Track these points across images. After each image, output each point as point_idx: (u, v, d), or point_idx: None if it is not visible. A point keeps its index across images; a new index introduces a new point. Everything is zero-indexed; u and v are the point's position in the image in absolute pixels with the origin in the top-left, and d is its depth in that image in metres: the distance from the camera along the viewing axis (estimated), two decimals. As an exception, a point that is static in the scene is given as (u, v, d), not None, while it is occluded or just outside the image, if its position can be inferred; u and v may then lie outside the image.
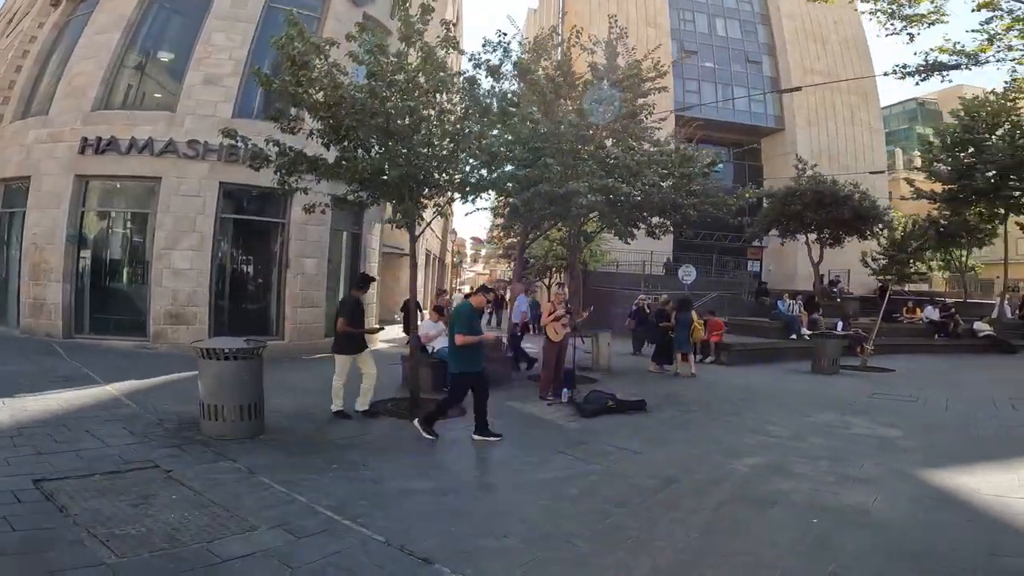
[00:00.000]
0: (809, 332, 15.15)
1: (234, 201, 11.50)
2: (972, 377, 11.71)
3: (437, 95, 6.57)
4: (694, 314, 11.56)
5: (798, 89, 18.65)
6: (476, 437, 6.00)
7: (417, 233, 7.34)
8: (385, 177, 6.66)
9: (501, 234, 25.03)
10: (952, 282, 30.53)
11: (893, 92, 45.63)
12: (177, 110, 10.91)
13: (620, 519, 4.04)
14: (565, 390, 8.18)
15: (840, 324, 16.63)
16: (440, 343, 8.54)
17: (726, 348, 13.13)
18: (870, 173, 21.14)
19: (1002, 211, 19.43)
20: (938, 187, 20.75)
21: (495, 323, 21.62)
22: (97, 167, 10.81)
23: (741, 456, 5.65)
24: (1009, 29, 11.16)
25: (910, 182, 21.16)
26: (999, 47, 11.63)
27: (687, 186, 10.69)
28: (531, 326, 18.54)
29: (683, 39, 29.70)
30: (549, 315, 8.34)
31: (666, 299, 12.56)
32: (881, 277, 13.95)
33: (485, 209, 17.82)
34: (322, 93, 6.33)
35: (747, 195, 13.47)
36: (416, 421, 6.03)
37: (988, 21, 11.35)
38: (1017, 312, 20.13)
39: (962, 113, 19.60)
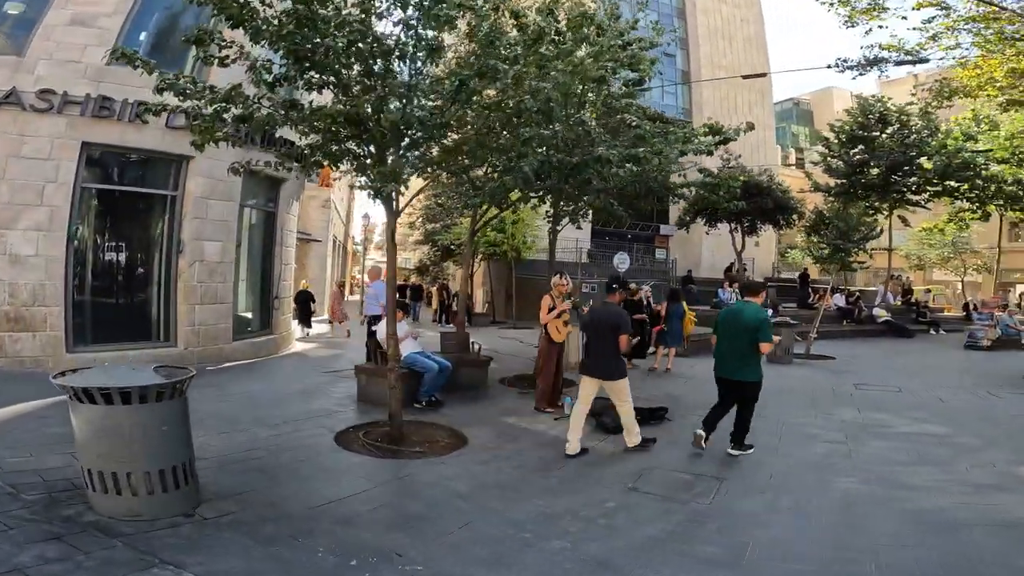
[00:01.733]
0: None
1: (102, 168, 8.65)
2: (909, 362, 12.21)
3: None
4: (686, 305, 10.75)
5: (763, 75, 18.72)
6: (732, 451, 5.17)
7: (400, 207, 5.51)
8: (378, 124, 4.76)
9: (421, 218, 22.94)
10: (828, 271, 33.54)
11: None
12: (26, 54, 7.84)
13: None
14: (568, 399, 6.83)
15: (770, 312, 17.05)
16: (409, 348, 6.79)
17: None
18: (784, 166, 22.07)
19: (886, 206, 21.19)
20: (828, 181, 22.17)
21: (413, 317, 19.62)
22: None
23: (830, 472, 4.76)
24: (950, 28, 11.62)
25: (808, 175, 22.42)
26: (935, 46, 12.14)
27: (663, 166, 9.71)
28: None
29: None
30: (548, 311, 6.93)
31: (635, 288, 11.68)
32: (825, 266, 14.37)
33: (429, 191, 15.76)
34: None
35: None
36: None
37: (930, 20, 11.73)
38: (900, 299, 22.18)
39: (857, 111, 21.00)
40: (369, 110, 4.73)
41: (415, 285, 18.76)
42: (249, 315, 10.40)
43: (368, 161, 5.19)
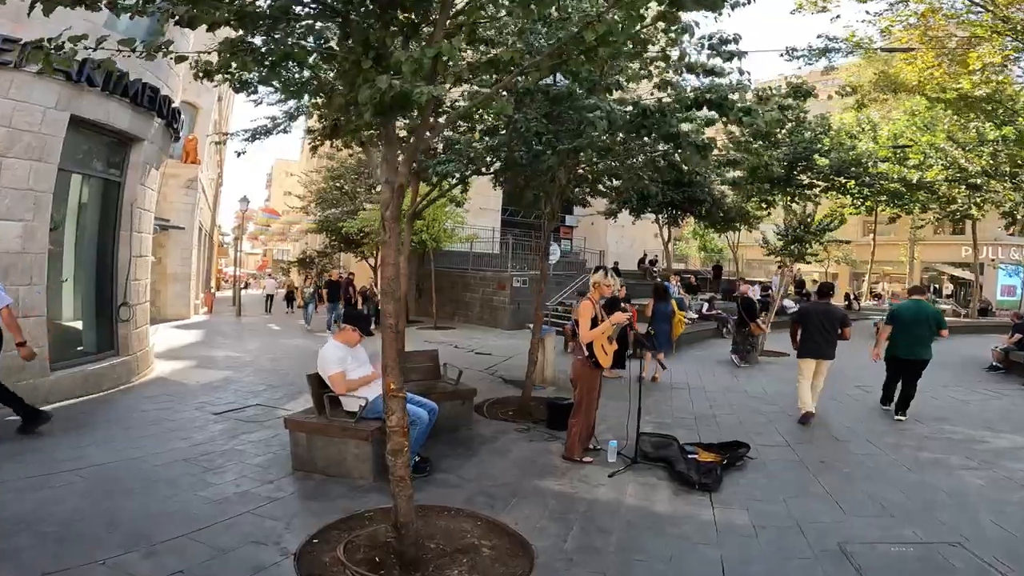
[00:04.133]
0: (696, 315, 14.43)
1: None
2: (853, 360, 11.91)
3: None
4: (675, 304, 9.16)
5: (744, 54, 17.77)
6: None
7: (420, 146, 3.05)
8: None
9: (313, 203, 19.30)
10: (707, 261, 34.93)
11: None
12: None
13: None
14: (613, 442, 4.82)
15: (705, 306, 16.46)
16: (375, 391, 4.29)
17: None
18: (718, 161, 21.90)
19: (780, 199, 21.96)
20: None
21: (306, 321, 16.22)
22: None
23: None
24: (893, 24, 11.46)
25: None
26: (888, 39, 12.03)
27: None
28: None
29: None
30: (590, 319, 4.73)
31: (612, 284, 9.88)
32: (781, 258, 13.91)
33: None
34: None
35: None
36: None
37: (879, 13, 11.53)
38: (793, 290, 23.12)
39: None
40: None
41: (334, 280, 14.87)
42: (79, 330, 6.97)
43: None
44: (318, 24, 3.05)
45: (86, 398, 6.25)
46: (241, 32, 2.84)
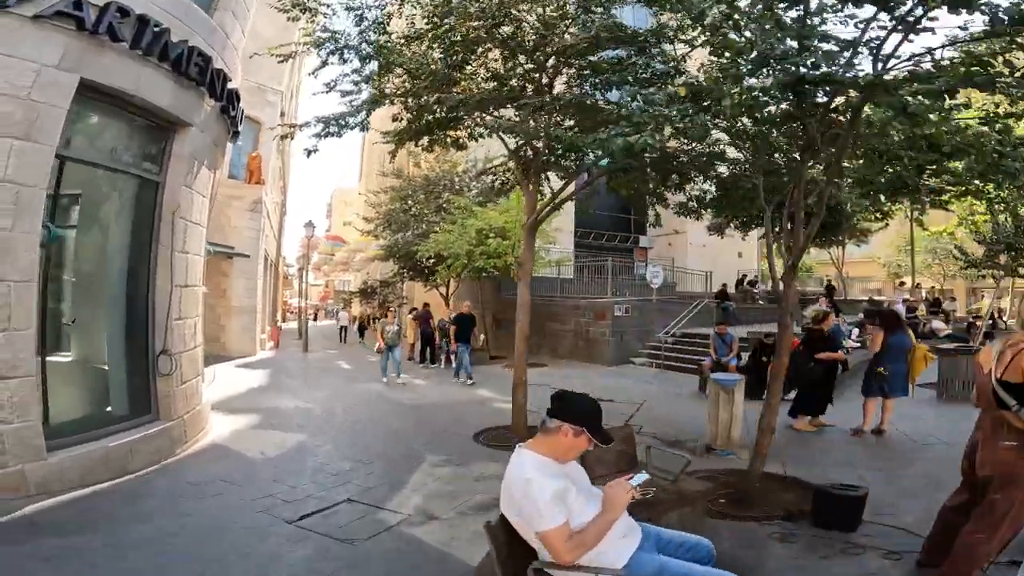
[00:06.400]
0: (857, 344, 11.53)
1: None
2: None
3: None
4: (911, 334, 6.55)
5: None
6: None
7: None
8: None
9: (379, 227, 17.61)
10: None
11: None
12: None
13: None
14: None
15: (855, 331, 13.44)
16: (620, 548, 1.96)
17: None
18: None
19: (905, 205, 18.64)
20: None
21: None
22: None
23: None
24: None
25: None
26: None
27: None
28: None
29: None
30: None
31: (818, 313, 7.29)
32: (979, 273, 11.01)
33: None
34: None
35: None
36: None
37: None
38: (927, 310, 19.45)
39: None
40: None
41: (465, 313, 11.67)
42: (97, 391, 5.04)
43: None
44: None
45: (107, 485, 4.29)
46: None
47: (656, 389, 9.66)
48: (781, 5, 3.48)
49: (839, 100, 3.94)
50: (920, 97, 3.20)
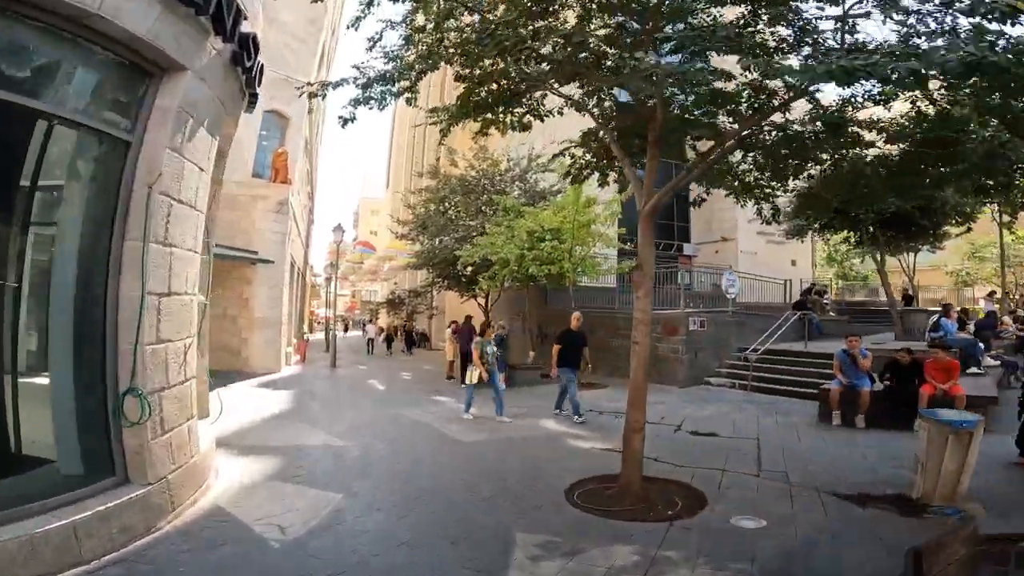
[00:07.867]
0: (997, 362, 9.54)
1: None
2: None
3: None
4: None
5: None
6: None
7: None
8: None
9: (414, 231, 16.09)
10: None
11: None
12: None
13: None
14: None
15: (981, 347, 11.36)
16: None
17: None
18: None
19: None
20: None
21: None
22: None
23: None
24: None
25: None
26: None
27: None
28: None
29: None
30: None
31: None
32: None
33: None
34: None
35: None
36: None
37: None
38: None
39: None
40: None
41: (574, 330, 7.47)
42: (24, 445, 3.32)
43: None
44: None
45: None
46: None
47: (760, 418, 7.83)
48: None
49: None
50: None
